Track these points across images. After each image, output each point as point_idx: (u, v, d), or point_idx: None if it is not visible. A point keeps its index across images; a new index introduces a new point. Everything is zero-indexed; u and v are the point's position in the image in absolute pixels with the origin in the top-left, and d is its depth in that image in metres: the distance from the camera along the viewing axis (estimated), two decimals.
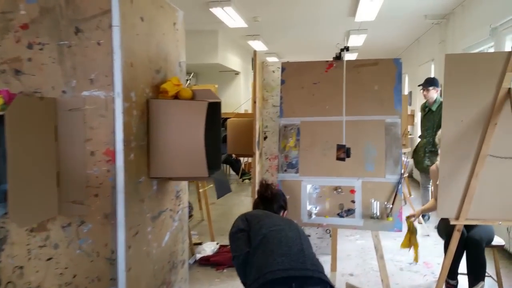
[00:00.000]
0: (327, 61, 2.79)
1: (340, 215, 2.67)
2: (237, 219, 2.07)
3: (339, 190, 2.67)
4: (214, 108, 2.15)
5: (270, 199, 2.28)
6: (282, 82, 2.85)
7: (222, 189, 1.98)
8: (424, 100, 5.14)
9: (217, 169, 2.16)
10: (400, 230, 2.60)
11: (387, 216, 2.58)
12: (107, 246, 1.73)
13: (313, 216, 2.70)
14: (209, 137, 2.14)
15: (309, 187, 2.73)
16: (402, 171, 2.61)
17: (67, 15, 1.65)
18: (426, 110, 5.08)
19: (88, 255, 1.75)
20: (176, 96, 2.05)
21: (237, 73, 10.31)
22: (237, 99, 10.18)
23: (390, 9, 6.28)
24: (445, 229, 3.16)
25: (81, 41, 1.66)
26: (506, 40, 4.60)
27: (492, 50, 4.96)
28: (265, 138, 3.89)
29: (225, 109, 9.82)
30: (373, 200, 2.63)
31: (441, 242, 3.69)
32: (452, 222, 2.60)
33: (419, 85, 5.21)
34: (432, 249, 4.36)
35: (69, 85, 1.68)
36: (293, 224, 2.05)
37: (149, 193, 1.94)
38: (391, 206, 2.58)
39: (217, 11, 6.12)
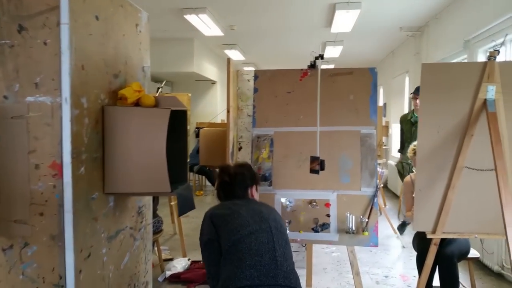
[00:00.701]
0: (302, 69, 2.67)
1: (315, 230, 2.53)
2: (204, 222, 1.87)
3: (314, 203, 2.54)
4: (180, 117, 1.99)
5: (230, 183, 2.01)
6: (255, 90, 2.72)
7: (186, 206, 1.82)
8: (405, 112, 5.13)
9: (183, 183, 2.00)
10: (376, 245, 2.49)
11: (363, 231, 2.46)
12: (54, 271, 1.54)
13: (287, 231, 2.55)
14: (174, 148, 1.98)
15: (283, 200, 2.59)
16: (378, 184, 2.51)
17: (9, 10, 1.48)
18: (413, 121, 4.99)
19: (33, 281, 1.55)
20: (137, 103, 1.89)
21: (213, 82, 10.16)
22: (214, 108, 10.01)
23: (366, 21, 6.29)
24: (418, 242, 3.10)
25: (25, 41, 1.49)
26: (478, 52, 4.64)
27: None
28: (239, 148, 3.75)
29: (201, 119, 9.72)
30: (348, 214, 2.50)
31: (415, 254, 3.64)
32: (428, 236, 2.52)
33: (411, 93, 5.16)
34: (408, 262, 4.30)
35: (11, 90, 1.50)
36: (265, 218, 1.85)
37: (104, 211, 1.76)
38: (366, 220, 2.46)
39: (192, 18, 5.98)
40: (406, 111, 7.51)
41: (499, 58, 2.39)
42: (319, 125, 2.41)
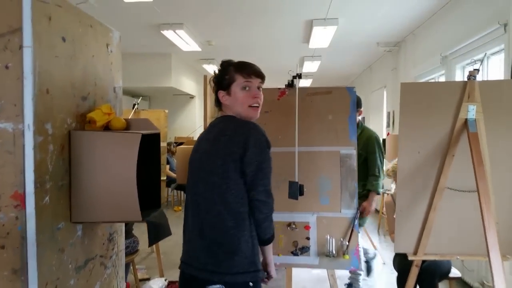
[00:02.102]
0: (279, 88, 2.64)
1: (294, 253, 2.47)
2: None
3: (293, 226, 2.48)
4: (153, 140, 1.91)
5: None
6: None
7: (158, 234, 1.73)
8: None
9: (156, 208, 1.91)
10: (357, 269, 2.44)
11: (343, 254, 2.41)
12: None
13: None
14: (147, 173, 1.90)
15: None
16: (358, 205, 2.47)
17: None
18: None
19: None
20: (107, 127, 1.81)
21: (192, 96, 10.08)
22: (192, 123, 9.92)
23: (343, 37, 6.34)
24: (399, 262, 3.07)
25: None
26: (456, 68, 4.71)
27: (443, 78, 5.08)
28: None
29: (180, 133, 9.59)
30: (328, 237, 2.46)
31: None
32: (410, 258, 2.49)
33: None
34: (390, 278, 4.26)
35: None
36: (215, 166, 1.64)
37: (72, 240, 1.65)
38: (347, 243, 2.42)
39: (169, 34, 5.92)
40: (384, 125, 7.58)
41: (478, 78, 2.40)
42: (297, 145, 2.37)
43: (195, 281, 1.65)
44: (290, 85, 2.63)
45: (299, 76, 2.42)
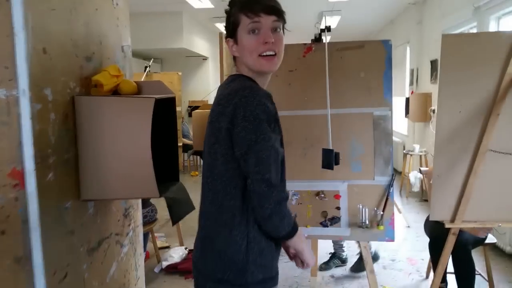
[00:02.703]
0: (305, 44, 2.37)
1: (323, 224, 2.29)
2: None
3: (322, 195, 2.29)
4: (168, 105, 1.70)
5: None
6: None
7: (180, 211, 1.55)
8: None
9: (174, 182, 1.73)
10: (393, 240, 2.26)
11: (378, 225, 2.23)
12: None
13: None
14: (163, 142, 1.71)
15: None
16: (393, 172, 2.25)
17: None
18: None
19: None
20: (116, 91, 1.60)
21: (205, 58, 9.76)
22: (206, 86, 9.66)
23: None
24: (431, 228, 2.91)
25: None
26: (490, 20, 4.34)
27: (474, 31, 4.73)
28: None
29: (194, 97, 9.37)
30: (361, 206, 2.26)
31: (422, 234, 3.45)
32: (447, 225, 2.31)
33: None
34: (415, 243, 4.12)
35: None
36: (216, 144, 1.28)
37: (83, 220, 1.49)
38: (381, 212, 2.23)
39: None
40: (407, 84, 7.24)
41: None
42: (329, 107, 2.13)
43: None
44: (318, 39, 2.36)
45: (328, 29, 2.15)
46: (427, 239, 2.97)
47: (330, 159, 1.84)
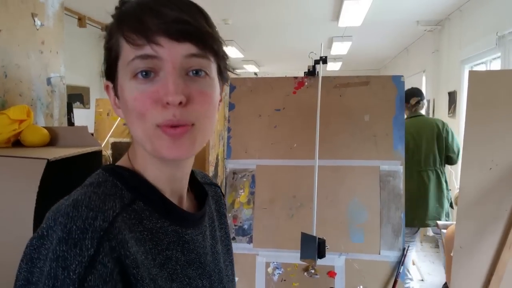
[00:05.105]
0: (296, 77, 1.91)
1: None
2: None
3: (312, 271, 1.78)
4: (92, 160, 1.25)
5: None
6: (231, 106, 1.95)
7: None
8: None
9: None
10: None
11: None
12: None
13: None
14: None
15: (268, 265, 1.83)
16: (405, 245, 1.74)
17: None
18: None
19: None
20: (18, 141, 1.16)
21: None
22: None
23: (378, 13, 5.57)
24: None
25: None
26: None
27: (497, 61, 4.28)
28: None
29: None
30: None
31: None
32: None
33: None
34: None
35: None
36: None
37: None
38: None
39: None
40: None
41: None
42: (317, 157, 1.65)
43: None
44: (311, 73, 1.90)
45: (324, 60, 1.69)
46: None
47: (311, 249, 1.34)
